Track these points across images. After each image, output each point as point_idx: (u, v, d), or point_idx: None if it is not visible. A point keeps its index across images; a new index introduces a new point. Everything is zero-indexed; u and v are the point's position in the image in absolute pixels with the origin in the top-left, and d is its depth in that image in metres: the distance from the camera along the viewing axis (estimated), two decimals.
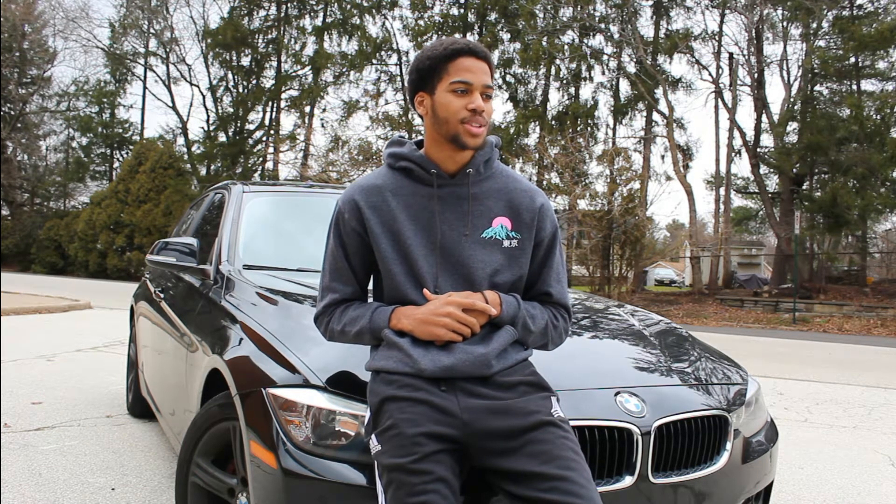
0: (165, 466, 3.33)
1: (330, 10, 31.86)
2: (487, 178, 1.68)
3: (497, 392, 1.56)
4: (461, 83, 1.57)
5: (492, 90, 1.61)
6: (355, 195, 1.67)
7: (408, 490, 1.41)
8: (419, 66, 1.62)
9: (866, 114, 20.32)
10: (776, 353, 9.68)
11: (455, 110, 1.57)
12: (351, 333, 1.65)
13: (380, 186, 1.66)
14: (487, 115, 1.60)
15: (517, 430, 1.50)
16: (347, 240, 1.67)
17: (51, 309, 11.26)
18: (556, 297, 1.73)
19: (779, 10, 22.89)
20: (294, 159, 30.53)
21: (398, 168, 1.68)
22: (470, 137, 1.58)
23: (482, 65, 1.58)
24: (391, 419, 1.49)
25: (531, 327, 1.66)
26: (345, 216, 1.67)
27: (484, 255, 1.64)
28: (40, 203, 38.35)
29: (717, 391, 2.11)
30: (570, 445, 1.51)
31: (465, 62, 1.57)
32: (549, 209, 1.73)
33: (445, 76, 1.58)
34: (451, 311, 1.54)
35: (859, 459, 4.01)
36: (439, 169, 1.64)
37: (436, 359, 1.54)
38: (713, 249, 24.83)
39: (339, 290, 1.69)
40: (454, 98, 1.57)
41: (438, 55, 1.59)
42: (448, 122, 1.58)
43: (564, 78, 27.23)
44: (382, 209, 1.64)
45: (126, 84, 37.77)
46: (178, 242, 3.12)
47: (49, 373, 5.66)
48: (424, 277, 1.61)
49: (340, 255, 1.68)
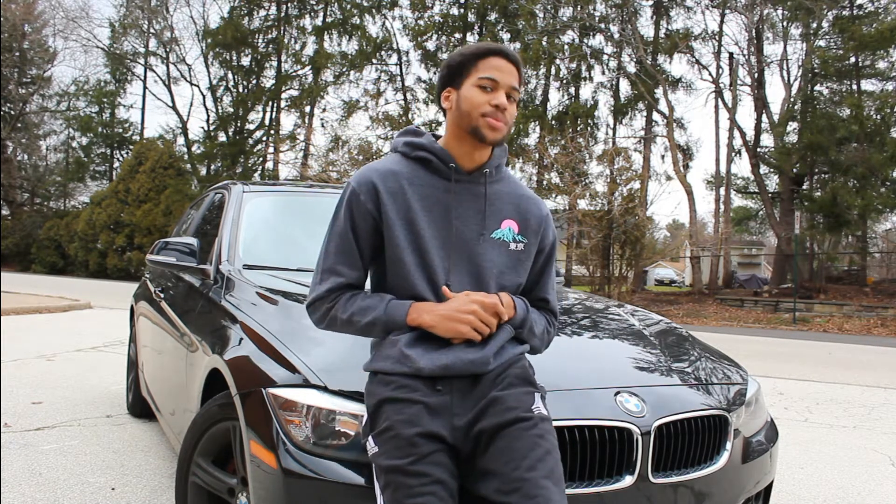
0: (165, 466, 3.33)
1: (330, 9, 31.86)
2: (498, 180, 1.70)
3: (486, 388, 1.55)
4: (488, 79, 1.58)
5: (518, 94, 1.62)
6: (373, 177, 1.62)
7: (405, 492, 1.41)
8: (450, 62, 1.65)
9: (866, 114, 20.32)
10: (776, 353, 9.68)
11: (478, 103, 1.58)
12: (361, 324, 1.59)
13: (396, 173, 1.64)
14: (510, 116, 1.61)
15: (491, 428, 1.49)
16: (361, 221, 1.61)
17: (51, 309, 11.26)
18: (551, 305, 1.77)
19: (779, 9, 22.90)
20: (294, 159, 30.55)
21: (414, 157, 1.66)
22: (490, 130, 1.59)
23: (511, 67, 1.61)
24: (387, 421, 1.49)
25: (535, 331, 1.69)
26: (360, 197, 1.61)
27: (493, 256, 1.64)
28: (40, 203, 38.35)
29: (717, 391, 2.11)
30: (545, 445, 1.47)
31: (495, 61, 1.60)
32: (551, 219, 1.79)
33: (474, 71, 1.60)
34: (475, 308, 1.54)
35: (859, 459, 4.01)
36: (457, 164, 1.64)
37: (434, 358, 1.53)
38: (713, 249, 24.81)
39: (345, 273, 1.63)
40: (479, 93, 1.59)
41: (471, 53, 1.62)
42: (470, 115, 1.59)
43: (564, 78, 27.24)
44: (398, 196, 1.61)
45: (126, 84, 37.80)
46: (178, 242, 3.12)
47: (49, 373, 5.66)
48: (436, 271, 1.60)
49: (351, 237, 1.62)
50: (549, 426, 1.53)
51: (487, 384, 1.55)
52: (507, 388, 1.54)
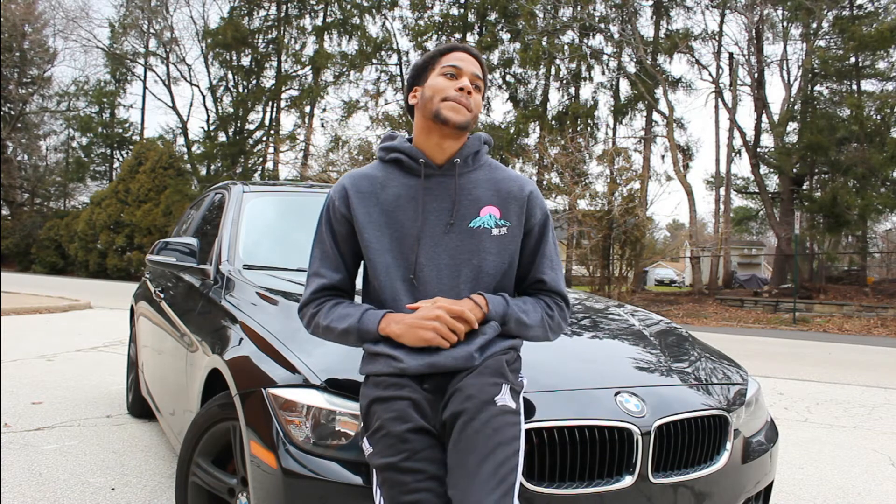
0: (165, 466, 3.33)
1: (330, 10, 31.87)
2: (475, 169, 1.71)
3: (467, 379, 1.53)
4: (451, 67, 1.66)
5: (481, 83, 1.69)
6: (346, 183, 1.72)
7: (401, 489, 1.42)
8: (415, 64, 1.74)
9: (866, 114, 20.32)
10: (776, 353, 9.68)
11: (441, 87, 1.64)
12: (337, 331, 1.64)
13: (371, 176, 1.71)
14: (476, 104, 1.66)
15: (449, 417, 1.47)
16: (337, 226, 1.71)
17: (51, 309, 11.27)
18: (550, 285, 1.73)
19: (779, 10, 22.89)
20: (294, 159, 30.55)
21: (389, 160, 1.71)
22: (452, 112, 1.62)
23: (472, 59, 1.69)
24: (378, 420, 1.50)
25: (526, 321, 1.66)
26: (335, 203, 1.71)
27: (469, 245, 1.65)
28: (40, 203, 38.36)
29: (717, 391, 2.11)
30: (496, 438, 1.41)
31: (457, 54, 1.69)
32: (537, 196, 1.75)
33: (437, 65, 1.68)
34: (440, 314, 1.55)
35: (859, 459, 4.01)
36: (428, 159, 1.66)
37: (419, 356, 1.55)
38: (713, 249, 24.82)
39: (326, 275, 1.71)
40: (443, 80, 1.66)
41: (434, 53, 1.71)
42: (433, 100, 1.64)
43: (564, 78, 27.23)
44: (370, 198, 1.67)
45: (126, 84, 37.83)
46: (178, 242, 3.12)
47: (49, 373, 5.66)
48: (405, 267, 1.64)
49: (330, 242, 1.72)
50: (511, 419, 1.46)
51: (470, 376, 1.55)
52: (473, 378, 1.52)
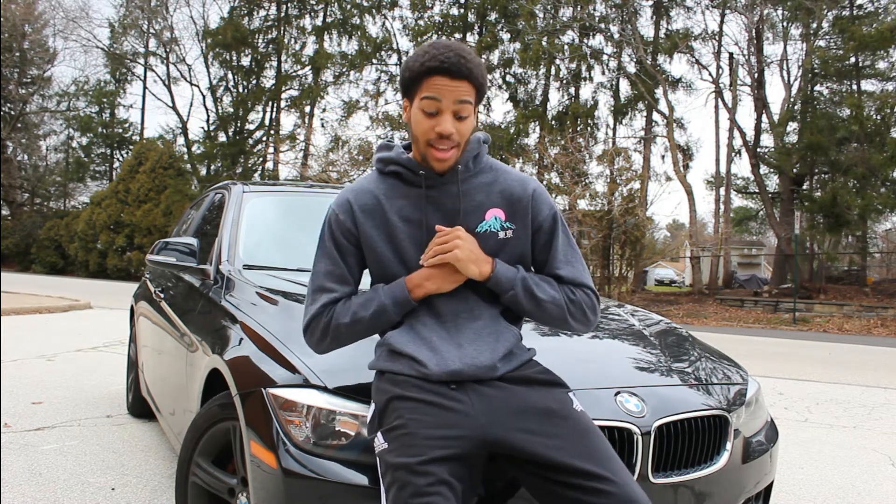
0: (165, 466, 3.33)
1: (330, 10, 31.87)
2: (477, 173, 1.68)
3: (510, 386, 1.56)
4: (431, 100, 1.54)
5: (469, 105, 1.56)
6: (349, 197, 1.68)
7: (412, 490, 1.39)
8: (402, 74, 1.62)
9: (866, 114, 20.32)
10: (776, 353, 9.68)
11: (424, 131, 1.57)
12: (366, 317, 1.60)
13: (372, 191, 1.67)
14: (461, 134, 1.57)
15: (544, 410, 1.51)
16: (343, 240, 1.66)
17: (51, 309, 11.27)
18: (568, 278, 1.68)
19: (779, 10, 22.90)
20: (294, 159, 30.57)
21: (388, 172, 1.68)
22: (436, 161, 1.59)
23: (457, 83, 1.53)
24: (400, 418, 1.48)
25: (537, 293, 1.62)
26: (339, 217, 1.66)
27: None
28: (40, 203, 38.37)
29: (717, 391, 2.11)
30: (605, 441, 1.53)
31: (437, 80, 1.53)
32: (542, 194, 1.71)
33: (420, 90, 1.56)
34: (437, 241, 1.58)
35: (859, 459, 4.01)
36: (427, 170, 1.63)
37: (441, 363, 1.54)
38: (713, 249, 24.83)
39: (336, 289, 1.66)
40: (423, 118, 1.56)
41: (416, 70, 1.56)
42: (418, 141, 1.60)
43: (564, 78, 27.23)
44: (375, 213, 1.64)
45: (126, 84, 37.86)
46: (178, 242, 3.12)
47: (49, 373, 5.66)
48: None
49: (336, 255, 1.67)
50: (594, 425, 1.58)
51: (510, 383, 1.56)
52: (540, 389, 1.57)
